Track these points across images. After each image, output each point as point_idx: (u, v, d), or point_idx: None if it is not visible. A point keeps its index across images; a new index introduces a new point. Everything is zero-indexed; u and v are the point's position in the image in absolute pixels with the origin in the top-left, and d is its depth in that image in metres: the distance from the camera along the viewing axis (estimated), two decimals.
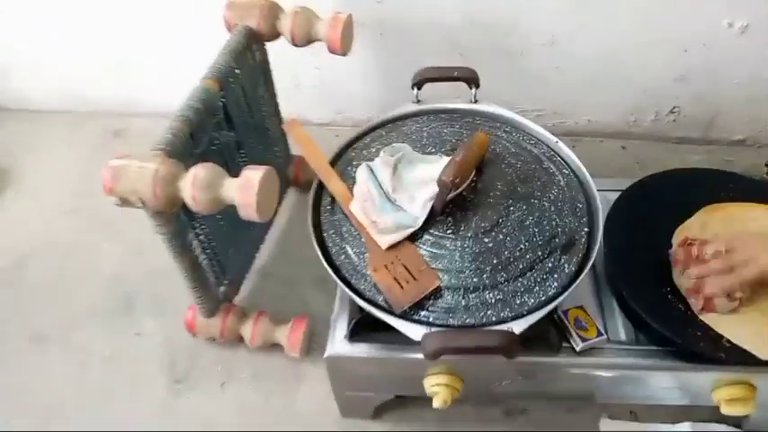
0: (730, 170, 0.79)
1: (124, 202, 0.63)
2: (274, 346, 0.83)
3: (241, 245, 0.87)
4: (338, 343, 0.66)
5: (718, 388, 0.65)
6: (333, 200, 0.67)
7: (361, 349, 0.65)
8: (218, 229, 0.77)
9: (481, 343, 0.55)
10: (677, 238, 0.71)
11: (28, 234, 1.01)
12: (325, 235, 0.65)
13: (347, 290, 0.60)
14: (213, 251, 0.77)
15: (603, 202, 0.67)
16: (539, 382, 0.69)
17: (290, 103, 0.94)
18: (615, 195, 0.75)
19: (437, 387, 0.63)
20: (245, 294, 0.91)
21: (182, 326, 0.83)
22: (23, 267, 0.96)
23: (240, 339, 0.83)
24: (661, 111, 1.05)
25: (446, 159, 0.64)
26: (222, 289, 0.83)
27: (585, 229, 0.64)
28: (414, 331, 0.56)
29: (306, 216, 0.67)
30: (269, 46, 0.81)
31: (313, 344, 0.84)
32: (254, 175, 0.59)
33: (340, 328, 0.67)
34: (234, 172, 0.61)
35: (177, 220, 0.68)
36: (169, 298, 0.90)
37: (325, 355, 0.66)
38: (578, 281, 0.59)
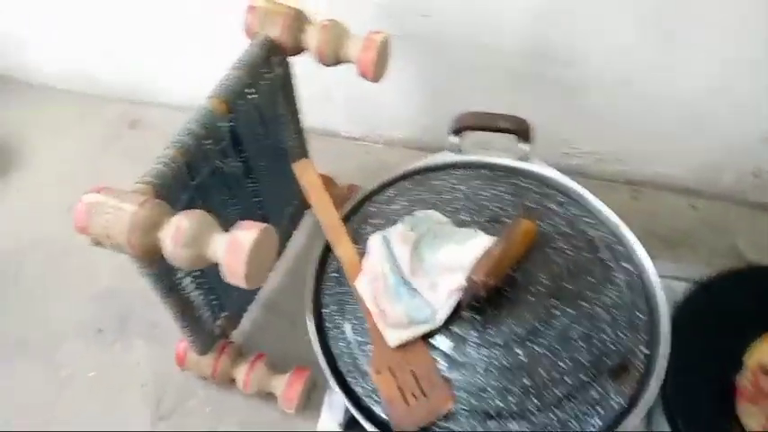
0: None
1: (98, 244, 0.54)
2: (271, 394, 0.74)
3: None
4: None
5: None
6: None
7: None
8: None
9: None
10: (751, 358, 0.58)
11: (23, 229, 0.93)
12: (324, 311, 0.54)
13: (339, 390, 0.49)
14: (209, 286, 0.67)
15: (668, 294, 0.55)
16: None
17: (319, 115, 0.84)
18: (682, 285, 0.62)
19: None
20: (245, 328, 0.81)
21: (173, 356, 0.74)
22: (14, 265, 0.89)
23: (233, 381, 0.74)
24: (743, 170, 0.90)
25: (481, 238, 0.52)
26: (219, 323, 0.74)
27: (644, 352, 0.51)
28: None
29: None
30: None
31: (313, 395, 0.74)
32: (245, 237, 0.49)
33: (335, 410, 0.57)
34: (233, 210, 0.50)
35: (164, 260, 0.58)
36: (164, 320, 0.81)
37: None
38: (627, 421, 0.47)
